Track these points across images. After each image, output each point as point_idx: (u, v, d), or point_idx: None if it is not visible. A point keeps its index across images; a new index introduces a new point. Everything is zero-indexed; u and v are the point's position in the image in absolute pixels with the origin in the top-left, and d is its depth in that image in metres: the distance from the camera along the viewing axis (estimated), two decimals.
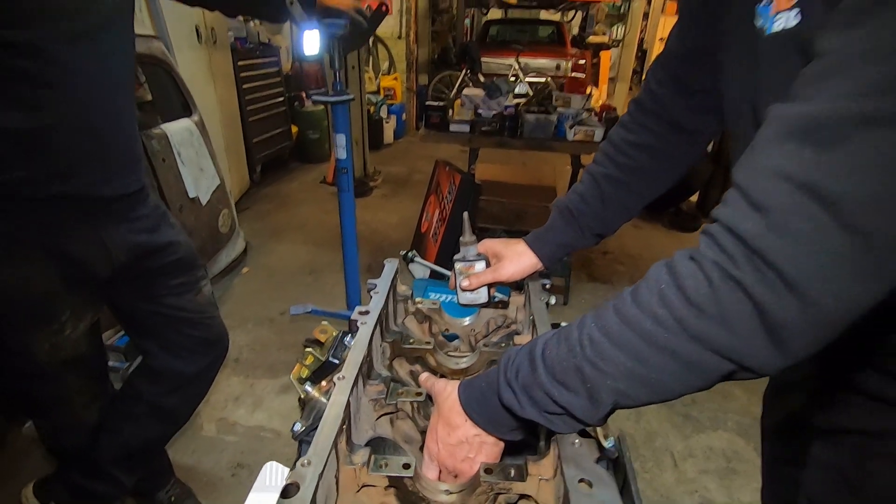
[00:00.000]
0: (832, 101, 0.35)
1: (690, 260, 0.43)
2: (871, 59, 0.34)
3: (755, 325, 0.39)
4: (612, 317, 0.47)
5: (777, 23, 0.47)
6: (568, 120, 2.46)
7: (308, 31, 1.38)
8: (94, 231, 1.04)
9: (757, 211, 0.38)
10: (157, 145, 2.18)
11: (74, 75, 0.92)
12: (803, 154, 0.36)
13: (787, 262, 0.36)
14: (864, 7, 0.35)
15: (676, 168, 0.81)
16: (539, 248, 0.86)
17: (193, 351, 1.28)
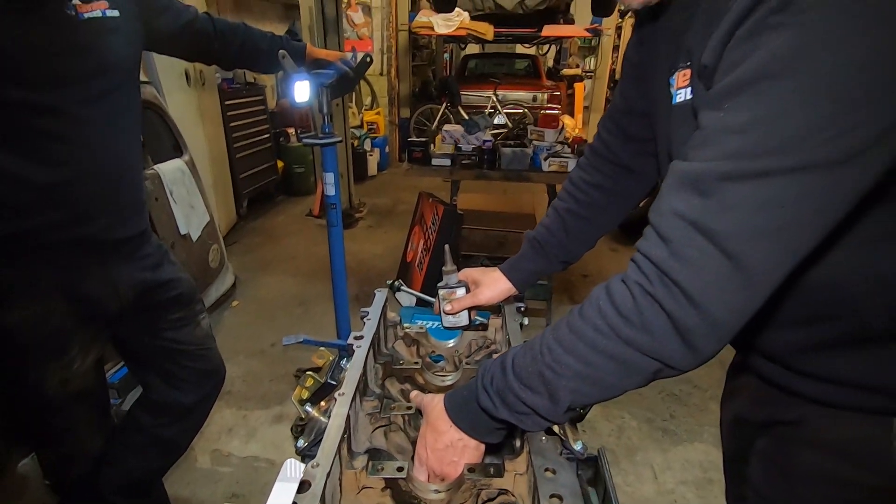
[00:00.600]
0: (707, 161, 0.47)
1: (621, 281, 0.54)
2: (728, 133, 0.46)
3: (669, 331, 0.49)
4: (564, 329, 0.57)
5: (678, 96, 0.60)
6: (543, 152, 2.62)
7: (299, 81, 1.51)
8: (104, 270, 1.12)
9: (663, 242, 0.49)
10: (151, 185, 2.27)
11: (92, 131, 1.03)
12: (691, 200, 0.47)
13: (685, 281, 0.47)
14: (722, 96, 0.46)
15: (627, 203, 0.94)
16: (513, 275, 0.97)
17: (192, 382, 1.35)
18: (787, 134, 0.43)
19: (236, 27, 1.41)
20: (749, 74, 0.44)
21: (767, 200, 0.44)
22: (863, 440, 0.62)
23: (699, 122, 0.49)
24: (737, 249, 0.45)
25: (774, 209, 0.44)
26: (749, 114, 0.44)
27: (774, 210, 0.44)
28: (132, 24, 1.12)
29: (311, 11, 3.74)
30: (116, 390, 1.90)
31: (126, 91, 1.12)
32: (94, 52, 1.03)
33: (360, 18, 6.01)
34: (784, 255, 0.47)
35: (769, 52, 0.42)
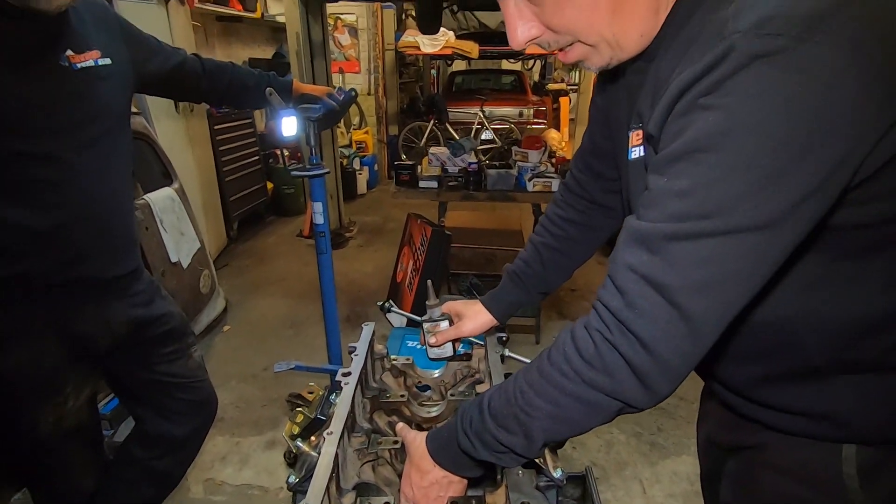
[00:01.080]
0: (654, 222, 0.52)
1: (584, 328, 0.58)
2: (671, 197, 0.51)
3: (628, 375, 0.54)
4: (534, 373, 0.62)
5: (633, 152, 0.66)
6: (527, 173, 2.69)
7: (286, 116, 1.56)
8: (97, 309, 1.15)
9: (619, 293, 0.54)
10: (141, 215, 2.30)
11: (84, 176, 1.06)
12: (642, 256, 0.52)
13: (640, 331, 0.52)
14: (665, 163, 0.52)
15: (600, 236, 0.99)
16: (493, 307, 1.02)
17: (185, 414, 1.37)
18: (719, 201, 0.48)
19: (224, 66, 1.46)
20: (685, 146, 0.49)
21: (706, 258, 0.49)
22: (816, 465, 0.67)
23: (648, 183, 0.54)
24: (683, 302, 0.50)
25: (713, 266, 0.49)
26: (687, 181, 0.49)
27: (713, 267, 0.49)
28: (124, 70, 1.16)
29: (298, 37, 3.81)
30: (108, 421, 1.91)
31: (117, 134, 1.16)
32: (88, 101, 1.07)
33: (346, 40, 6.10)
34: (724, 307, 0.51)
35: (701, 129, 0.48)
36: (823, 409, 0.64)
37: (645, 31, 0.59)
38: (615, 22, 0.57)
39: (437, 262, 2.70)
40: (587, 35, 0.58)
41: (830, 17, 0.43)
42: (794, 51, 0.43)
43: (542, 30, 0.60)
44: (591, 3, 0.55)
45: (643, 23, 0.58)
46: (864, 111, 0.45)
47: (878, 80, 0.44)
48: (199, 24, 3.92)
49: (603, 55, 0.61)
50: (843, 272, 0.58)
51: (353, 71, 6.20)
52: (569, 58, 0.63)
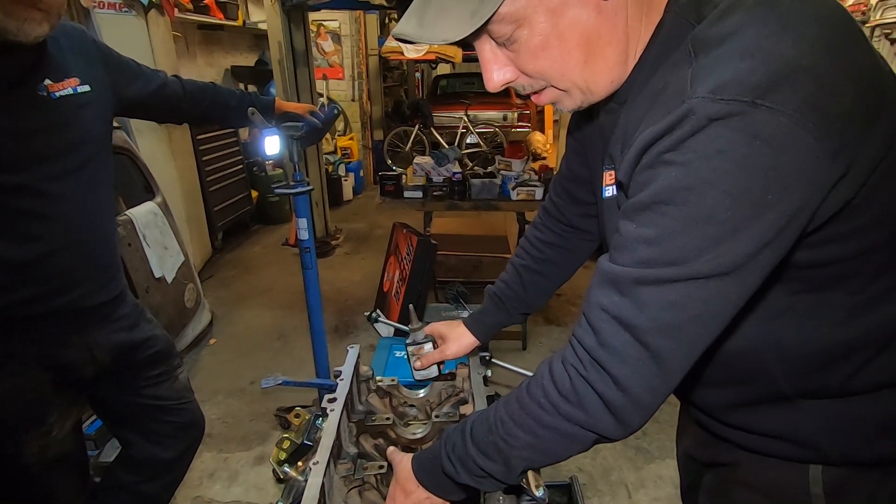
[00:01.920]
0: (624, 266, 0.55)
1: (561, 363, 0.61)
2: (639, 243, 0.53)
3: (601, 409, 0.57)
4: (514, 404, 0.64)
5: (606, 191, 0.69)
6: (511, 181, 2.72)
7: (269, 136, 1.56)
8: (81, 337, 1.15)
9: (593, 332, 0.56)
10: (123, 231, 2.28)
11: (66, 205, 1.06)
12: (612, 297, 0.55)
13: (612, 368, 0.55)
14: (634, 210, 0.54)
15: (578, 259, 1.02)
16: (476, 329, 1.04)
17: (172, 437, 1.37)
18: (682, 250, 0.51)
19: (205, 88, 1.46)
20: (651, 197, 0.52)
21: (672, 302, 0.52)
22: (786, 484, 0.70)
23: (619, 227, 0.57)
24: (651, 341, 0.53)
25: (679, 309, 0.52)
26: (653, 230, 0.52)
27: (679, 310, 0.52)
28: (104, 96, 1.16)
29: (281, 45, 3.80)
30: (93, 441, 1.90)
31: (99, 161, 1.15)
32: (68, 129, 1.07)
33: (330, 46, 6.09)
34: (691, 346, 0.54)
35: (664, 182, 0.51)
36: (791, 431, 0.67)
37: (615, 77, 0.62)
38: (586, 70, 0.60)
39: (423, 271, 2.71)
40: (559, 81, 0.61)
41: (781, 85, 0.46)
42: (747, 115, 0.46)
43: (517, 74, 0.62)
44: (564, 53, 0.58)
45: (613, 70, 0.61)
46: (816, 166, 0.48)
47: (829, 137, 0.47)
48: (179, 34, 3.89)
49: (574, 99, 0.63)
50: (805, 305, 0.61)
51: (336, 77, 6.19)
52: (541, 100, 0.65)
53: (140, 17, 2.99)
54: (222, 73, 5.25)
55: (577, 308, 3.43)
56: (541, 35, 0.56)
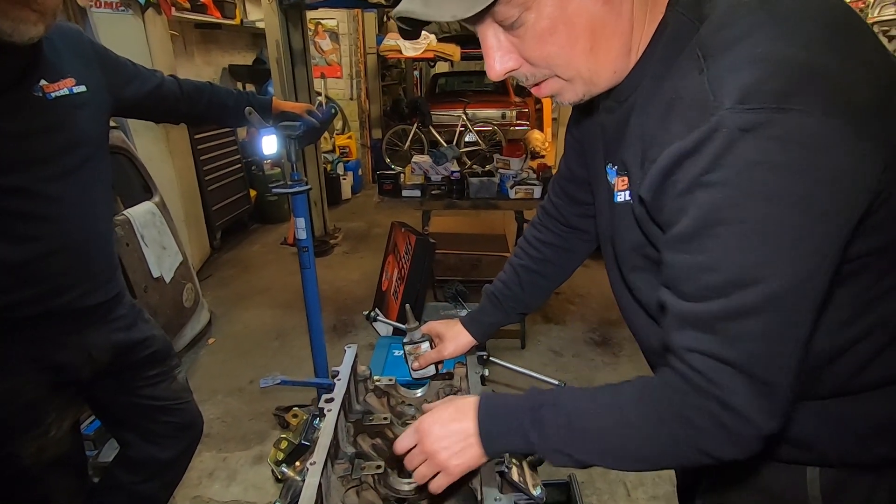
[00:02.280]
0: (696, 302, 0.53)
1: (678, 384, 0.57)
2: (701, 272, 0.52)
3: (724, 436, 0.55)
4: (631, 402, 0.61)
5: (619, 196, 0.68)
6: (509, 180, 2.72)
7: (266, 135, 1.56)
8: (78, 338, 1.15)
9: (695, 372, 0.55)
10: (121, 231, 2.28)
11: (63, 207, 1.06)
12: (699, 337, 0.54)
13: (729, 399, 0.53)
14: (683, 240, 0.53)
15: (576, 259, 1.02)
16: (473, 328, 1.04)
17: (170, 437, 1.37)
18: (746, 267, 0.50)
19: (202, 88, 1.46)
20: (698, 223, 0.51)
21: (760, 332, 0.51)
22: (783, 486, 0.71)
23: (668, 259, 0.56)
24: (756, 372, 0.52)
25: (768, 336, 0.52)
26: (710, 255, 0.51)
27: (768, 337, 0.52)
28: (100, 97, 1.16)
29: (279, 44, 3.79)
30: (92, 441, 1.90)
31: (96, 162, 1.15)
32: (64, 130, 1.07)
33: (328, 45, 6.08)
34: (791, 361, 0.53)
35: (708, 204, 0.50)
36: (788, 433, 0.66)
37: (618, 69, 0.61)
38: (591, 58, 0.59)
39: (421, 270, 2.71)
40: (564, 70, 0.60)
41: (802, 87, 0.46)
42: (777, 122, 0.46)
43: (520, 62, 0.61)
44: (571, 39, 0.57)
45: (616, 61, 0.60)
46: (856, 161, 0.48)
47: (858, 132, 0.47)
48: (176, 33, 3.88)
49: (577, 90, 0.63)
50: None
51: (334, 76, 6.18)
52: (542, 92, 0.64)
53: (137, 17, 2.98)
54: (220, 72, 5.24)
55: (576, 306, 3.43)
56: (548, 19, 0.55)
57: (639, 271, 0.72)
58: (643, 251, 0.68)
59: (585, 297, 3.49)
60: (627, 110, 0.65)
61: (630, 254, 0.72)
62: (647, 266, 0.70)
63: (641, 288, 0.73)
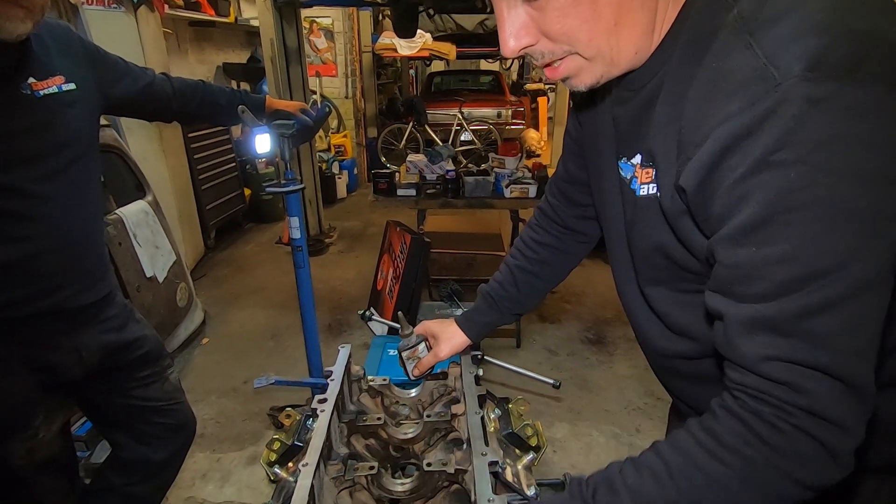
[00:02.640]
0: (767, 302, 0.47)
1: (749, 413, 0.50)
2: (771, 265, 0.47)
3: (825, 457, 0.49)
4: (701, 454, 0.52)
5: (642, 189, 0.63)
6: (504, 179, 2.72)
7: (259, 134, 1.55)
8: (68, 339, 1.13)
9: (777, 383, 0.48)
10: (113, 230, 2.26)
11: (53, 206, 1.05)
12: (776, 343, 0.48)
13: (825, 411, 0.47)
14: (747, 231, 0.47)
15: (572, 261, 1.02)
16: (468, 328, 1.04)
17: (163, 438, 1.36)
18: (829, 253, 0.45)
19: (195, 86, 1.44)
20: (766, 210, 0.46)
21: (846, 327, 0.47)
22: None
23: (726, 258, 0.50)
24: (843, 374, 0.47)
25: (855, 329, 0.47)
26: (784, 245, 0.46)
27: (856, 330, 0.47)
28: (90, 95, 1.15)
29: (273, 43, 3.77)
30: (84, 442, 1.88)
31: (86, 161, 1.14)
32: (53, 129, 1.05)
33: (322, 43, 6.05)
34: (872, 357, 0.48)
35: (779, 187, 0.45)
36: None
37: (640, 48, 0.58)
38: (615, 36, 0.55)
39: (416, 269, 2.71)
40: (586, 47, 0.56)
41: (866, 56, 0.43)
42: (847, 92, 0.43)
43: (538, 38, 0.57)
44: (594, 14, 0.53)
45: (639, 40, 0.57)
46: None
47: None
48: (170, 31, 3.85)
49: (595, 70, 0.59)
50: None
51: (329, 74, 6.15)
52: (558, 73, 0.60)
53: (129, 14, 2.96)
54: (214, 70, 5.21)
55: (572, 305, 3.43)
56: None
57: (656, 273, 0.68)
58: (665, 251, 0.64)
59: (580, 297, 3.50)
60: (648, 97, 0.61)
61: (650, 254, 0.67)
62: (667, 268, 0.65)
63: (655, 297, 0.70)
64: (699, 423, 0.54)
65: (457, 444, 0.95)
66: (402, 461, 1.00)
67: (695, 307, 0.63)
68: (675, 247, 0.61)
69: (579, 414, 2.38)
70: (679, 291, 0.67)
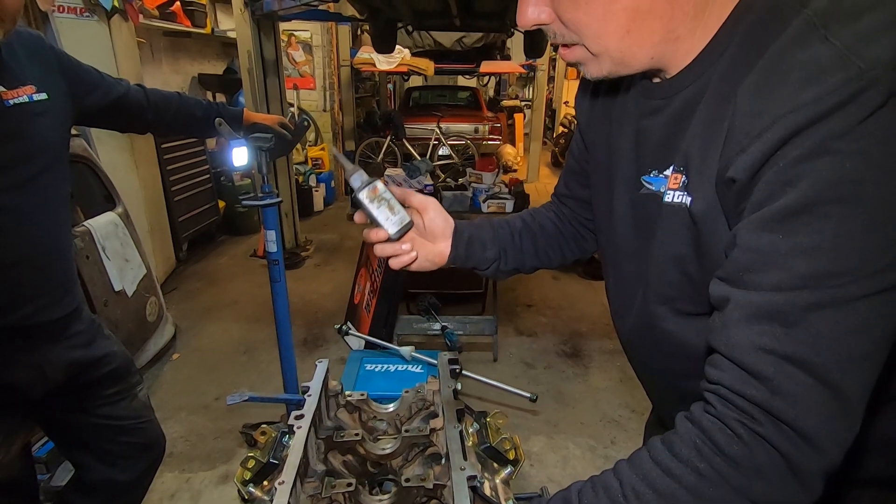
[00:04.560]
0: (780, 291, 0.45)
1: (713, 417, 0.48)
2: (794, 256, 0.44)
3: (785, 473, 0.45)
4: (654, 469, 0.50)
5: (668, 196, 0.60)
6: (482, 194, 2.75)
7: (236, 147, 1.54)
8: (31, 355, 1.09)
9: (758, 380, 0.45)
10: (81, 242, 2.19)
11: (21, 217, 1.02)
12: (776, 333, 0.44)
13: (796, 419, 0.44)
14: (780, 217, 0.45)
15: (566, 251, 0.94)
16: (456, 238, 0.82)
17: (130, 458, 1.32)
18: (862, 257, 0.43)
19: (170, 97, 1.43)
20: (808, 198, 0.43)
21: (858, 327, 0.44)
22: None
23: (748, 241, 0.47)
24: (836, 378, 0.44)
25: (863, 334, 0.44)
26: (816, 237, 0.44)
27: (864, 335, 0.44)
28: (61, 105, 1.12)
29: (251, 55, 3.76)
30: (45, 464, 1.80)
31: (55, 171, 1.11)
32: (23, 138, 1.03)
33: (300, 56, 6.05)
34: (873, 375, 0.46)
35: (828, 177, 0.43)
36: None
37: (657, 55, 0.57)
38: (625, 40, 0.54)
39: (394, 283, 2.70)
40: (593, 43, 0.56)
41: None
42: None
43: (553, 18, 0.57)
44: (606, 15, 0.53)
45: (656, 47, 0.56)
46: None
47: None
48: (143, 41, 3.80)
49: (602, 67, 0.58)
50: None
51: (307, 87, 6.15)
52: (569, 56, 0.60)
53: (102, 23, 2.91)
54: (189, 80, 5.15)
55: (548, 318, 3.47)
56: None
57: (667, 290, 0.65)
58: (683, 266, 0.61)
59: (556, 310, 3.54)
60: (688, 101, 0.58)
61: (666, 267, 0.64)
62: (678, 284, 0.63)
63: (662, 315, 0.67)
64: (661, 437, 0.52)
65: (435, 458, 0.95)
66: (380, 477, 0.99)
67: (700, 330, 0.61)
68: (691, 261, 0.59)
69: (556, 427, 2.40)
70: (686, 314, 0.65)
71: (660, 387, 0.84)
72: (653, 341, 0.74)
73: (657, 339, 0.72)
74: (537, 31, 0.61)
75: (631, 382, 2.70)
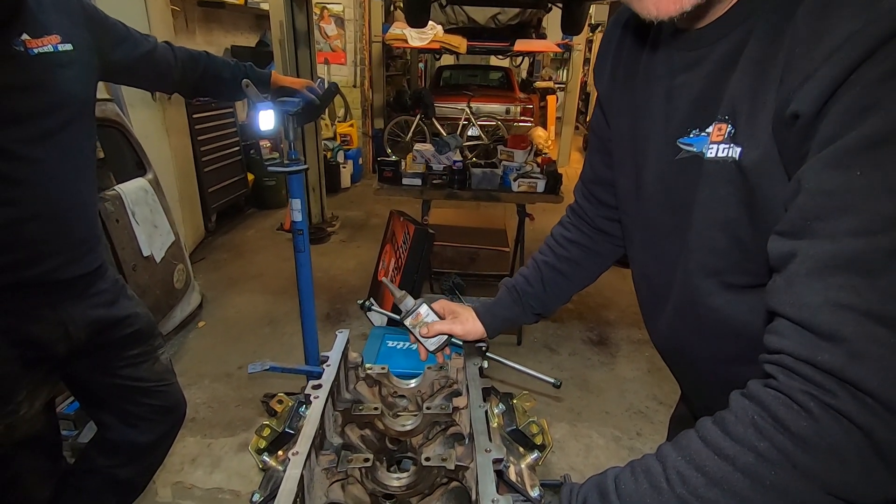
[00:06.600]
0: (860, 236, 0.38)
1: (774, 391, 0.42)
2: (875, 196, 0.38)
3: (868, 454, 0.38)
4: (703, 450, 0.44)
5: (711, 151, 0.55)
6: (512, 172, 2.66)
7: (263, 110, 1.50)
8: (54, 312, 1.08)
9: (832, 342, 0.38)
10: (111, 206, 2.21)
11: (43, 170, 1.00)
12: (856, 286, 0.38)
13: (881, 388, 0.37)
14: (858, 150, 0.39)
15: (602, 263, 0.96)
16: (487, 319, 0.97)
17: (151, 420, 1.31)
18: None
19: (198, 56, 1.39)
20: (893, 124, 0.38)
21: None
22: None
23: (816, 183, 0.41)
24: None
25: None
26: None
27: None
28: (87, 57, 1.09)
29: (282, 25, 3.71)
30: (73, 422, 1.84)
31: (80, 126, 1.09)
32: (46, 89, 1.00)
33: (332, 30, 5.99)
34: None
35: None
36: None
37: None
38: None
39: (419, 260, 2.66)
40: None
41: None
42: None
43: None
44: None
45: None
46: None
47: None
48: (178, 9, 3.79)
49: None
50: None
51: (338, 62, 6.09)
52: None
53: None
54: (222, 52, 5.14)
55: (573, 304, 3.37)
56: None
57: (714, 260, 0.59)
58: (733, 231, 0.55)
59: (583, 296, 3.44)
60: (735, 44, 0.53)
61: (713, 233, 0.57)
62: (727, 252, 0.56)
63: (708, 290, 0.61)
64: (711, 417, 0.45)
65: (457, 439, 0.90)
66: (399, 454, 0.95)
67: (753, 305, 0.57)
68: (742, 223, 0.53)
69: (579, 415, 2.33)
70: (736, 287, 0.59)
71: (702, 376, 0.77)
72: (696, 322, 0.67)
73: (702, 319, 0.66)
74: (576, 5, 0.55)
75: (660, 374, 2.60)
